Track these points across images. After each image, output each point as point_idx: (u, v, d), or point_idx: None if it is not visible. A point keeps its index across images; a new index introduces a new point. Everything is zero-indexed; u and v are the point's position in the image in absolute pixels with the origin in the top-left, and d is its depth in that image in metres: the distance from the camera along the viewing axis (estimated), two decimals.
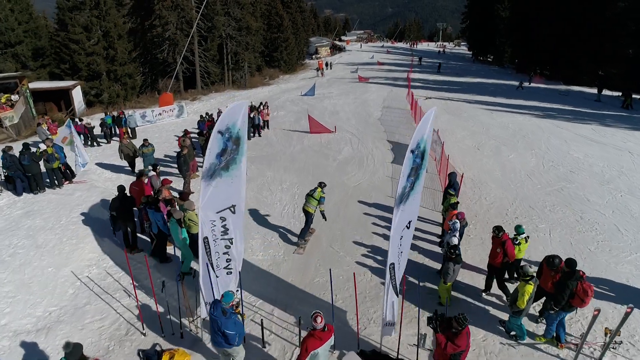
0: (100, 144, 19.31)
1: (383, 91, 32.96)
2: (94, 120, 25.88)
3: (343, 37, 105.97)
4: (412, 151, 5.77)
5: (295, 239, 10.19)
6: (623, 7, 36.06)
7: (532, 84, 39.52)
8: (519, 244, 7.89)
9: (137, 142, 19.72)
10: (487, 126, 21.60)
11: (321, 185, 10.13)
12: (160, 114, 24.68)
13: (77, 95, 28.45)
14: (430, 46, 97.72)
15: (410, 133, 21.13)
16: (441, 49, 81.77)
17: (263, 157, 16.46)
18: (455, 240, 7.75)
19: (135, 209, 9.46)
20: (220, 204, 6.47)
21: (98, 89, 31.08)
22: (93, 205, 11.10)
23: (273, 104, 28.01)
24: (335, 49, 75.93)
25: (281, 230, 10.68)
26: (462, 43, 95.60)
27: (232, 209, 6.66)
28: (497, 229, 7.70)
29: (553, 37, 43.30)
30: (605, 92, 33.78)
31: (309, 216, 9.97)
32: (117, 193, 9.19)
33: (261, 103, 20.75)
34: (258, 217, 11.38)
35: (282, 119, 23.29)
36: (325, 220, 10.30)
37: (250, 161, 16.14)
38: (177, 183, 13.62)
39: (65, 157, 12.93)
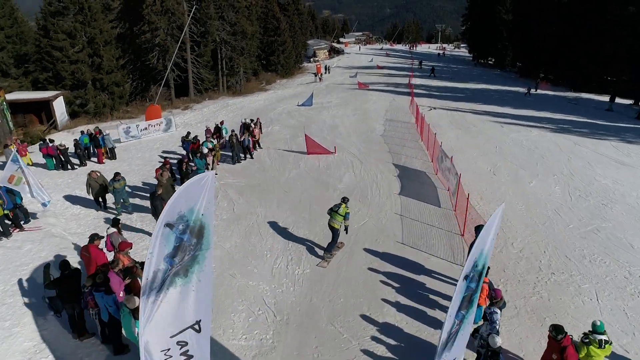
0: (75, 166, 17.19)
1: (384, 100, 30.90)
2: (75, 134, 23.92)
3: (341, 39, 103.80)
4: (467, 276, 3.69)
5: (289, 310, 8.20)
6: (633, 12, 34.23)
7: (539, 91, 37.56)
8: (589, 342, 5.85)
9: (117, 164, 17.81)
10: (499, 143, 19.61)
11: (345, 200, 9.95)
12: (146, 128, 22.57)
13: (59, 106, 26.34)
14: (431, 48, 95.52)
15: (418, 153, 19.07)
16: (441, 52, 79.71)
17: (254, 187, 14.37)
18: (498, 342, 5.71)
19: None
20: (176, 325, 4.44)
21: (83, 98, 28.93)
22: (42, 266, 9.03)
23: (268, 115, 25.94)
24: (334, 52, 73.73)
25: (271, 296, 8.65)
26: (462, 45, 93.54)
27: (196, 326, 4.63)
28: (556, 330, 5.67)
29: (553, 38, 42.42)
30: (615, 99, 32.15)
31: (335, 232, 9.88)
32: (74, 250, 7.22)
33: (252, 120, 18.68)
34: (243, 277, 9.32)
35: (277, 135, 21.21)
36: (347, 233, 10.21)
37: (239, 192, 14.11)
38: (153, 224, 11.57)
39: (20, 199, 10.84)
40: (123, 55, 32.86)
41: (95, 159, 18.17)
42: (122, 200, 12.06)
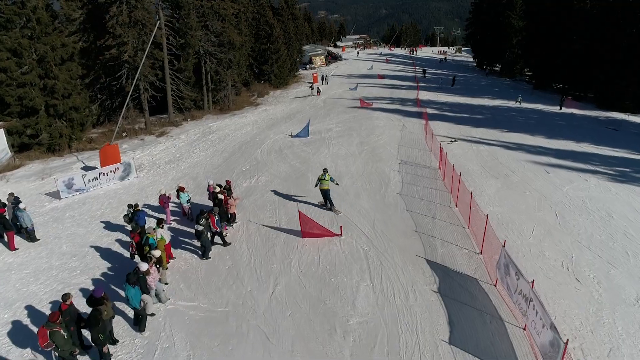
0: None
1: (394, 127, 25.32)
2: (14, 182, 18.37)
3: (339, 43, 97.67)
4: None
5: None
6: None
7: (564, 109, 32.20)
8: None
9: (35, 253, 12.18)
10: (557, 206, 14.16)
11: (326, 170, 13.58)
12: (95, 178, 16.97)
13: None
14: (434, 52, 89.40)
15: (456, 234, 11.90)
16: (443, 57, 73.89)
17: (217, 325, 8.60)
18: None
19: None
20: None
21: (34, 128, 23.22)
22: None
23: (252, 155, 20.32)
24: (332, 57, 67.73)
25: None
26: (464, 49, 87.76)
27: None
28: None
29: (562, 42, 38.61)
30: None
31: (326, 192, 13.14)
32: None
33: (220, 186, 13.00)
34: None
35: (263, 193, 15.55)
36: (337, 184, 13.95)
37: (192, 340, 7.74)
38: None
39: None
40: (87, 73, 27.17)
41: (6, 240, 12.53)
42: None
